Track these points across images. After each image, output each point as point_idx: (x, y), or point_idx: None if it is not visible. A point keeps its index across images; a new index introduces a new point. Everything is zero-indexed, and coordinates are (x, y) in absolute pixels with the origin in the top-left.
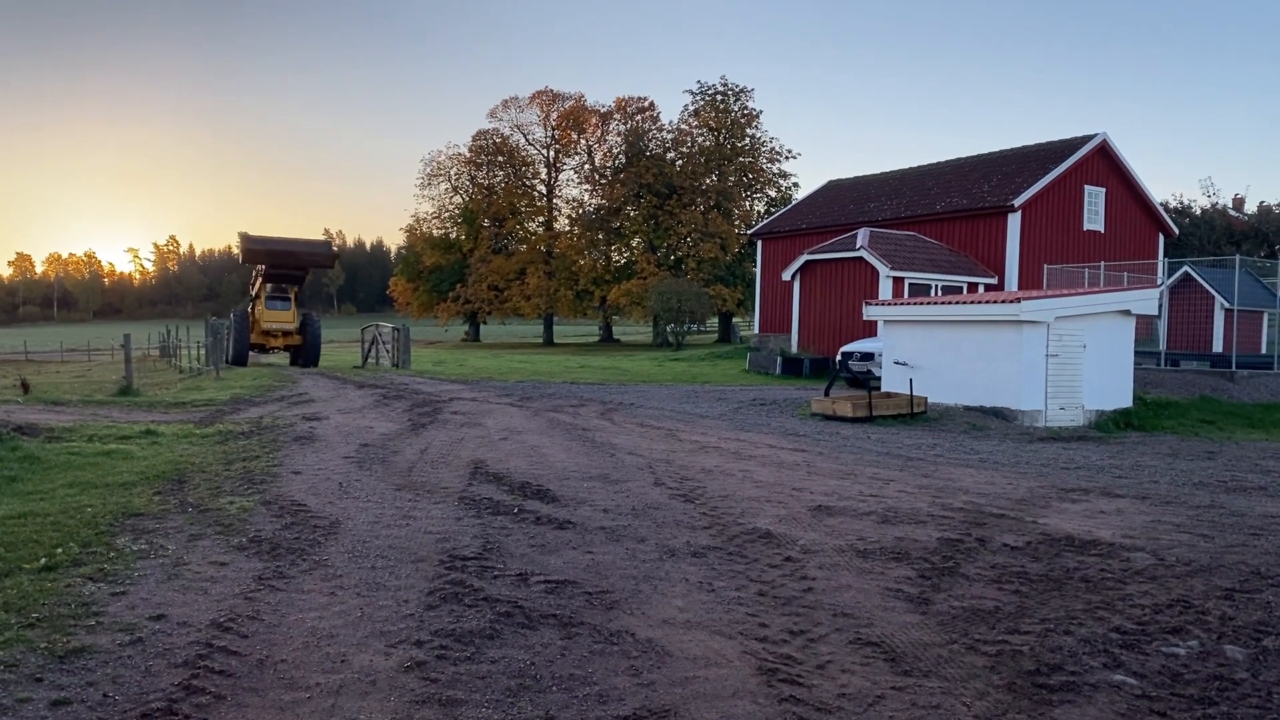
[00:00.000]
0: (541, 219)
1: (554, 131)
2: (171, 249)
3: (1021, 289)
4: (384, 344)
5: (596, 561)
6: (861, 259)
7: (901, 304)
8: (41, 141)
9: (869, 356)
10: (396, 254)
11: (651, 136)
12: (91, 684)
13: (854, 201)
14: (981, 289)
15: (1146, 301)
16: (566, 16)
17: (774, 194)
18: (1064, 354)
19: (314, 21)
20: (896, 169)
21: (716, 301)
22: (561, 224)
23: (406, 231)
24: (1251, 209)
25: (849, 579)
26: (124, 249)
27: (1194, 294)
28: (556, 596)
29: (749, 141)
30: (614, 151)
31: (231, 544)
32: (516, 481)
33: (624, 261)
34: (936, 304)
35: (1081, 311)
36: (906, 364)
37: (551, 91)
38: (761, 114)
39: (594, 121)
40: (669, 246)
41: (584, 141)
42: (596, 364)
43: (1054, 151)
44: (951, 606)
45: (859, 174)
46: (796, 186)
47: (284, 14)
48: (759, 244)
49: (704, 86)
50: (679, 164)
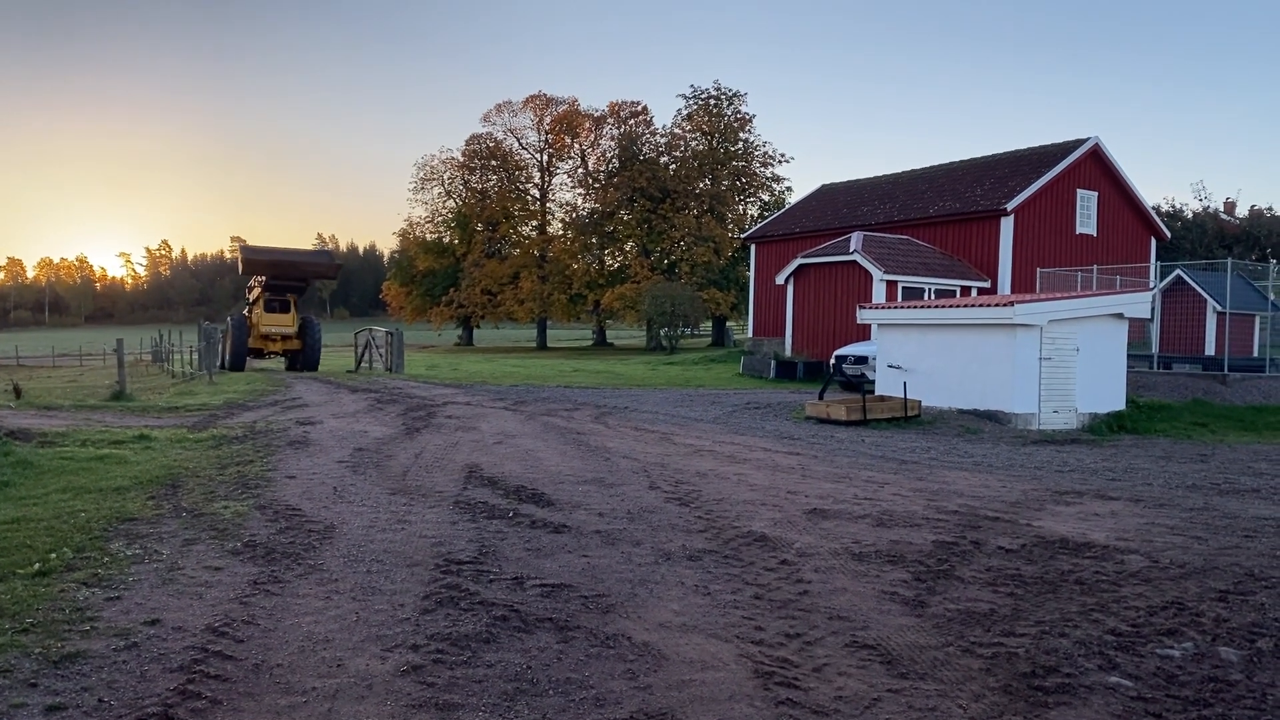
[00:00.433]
0: (535, 223)
1: (547, 135)
2: (164, 253)
3: (1014, 292)
4: (377, 348)
5: (592, 565)
6: (855, 263)
7: (895, 307)
8: (32, 145)
9: (863, 360)
10: (390, 258)
11: (645, 140)
12: (86, 689)
13: (847, 205)
14: (974, 292)
15: (1139, 305)
16: (560, 21)
17: (767, 198)
18: (1057, 357)
19: (307, 25)
20: (889, 173)
21: (710, 305)
22: (555, 228)
23: (400, 235)
24: (1243, 212)
25: (844, 582)
26: (116, 253)
27: (1186, 297)
28: (552, 600)
29: (742, 145)
30: (607, 155)
31: (226, 548)
32: (511, 485)
33: (617, 265)
34: (930, 307)
35: (1074, 315)
36: (900, 367)
37: (545, 95)
38: (755, 118)
39: (587, 125)
40: (663, 250)
41: (577, 145)
42: (590, 368)
43: (1046, 155)
44: (947, 609)
45: (852, 178)
46: (790, 191)
47: (277, 17)
48: (752, 248)
49: (697, 90)
50: (672, 168)
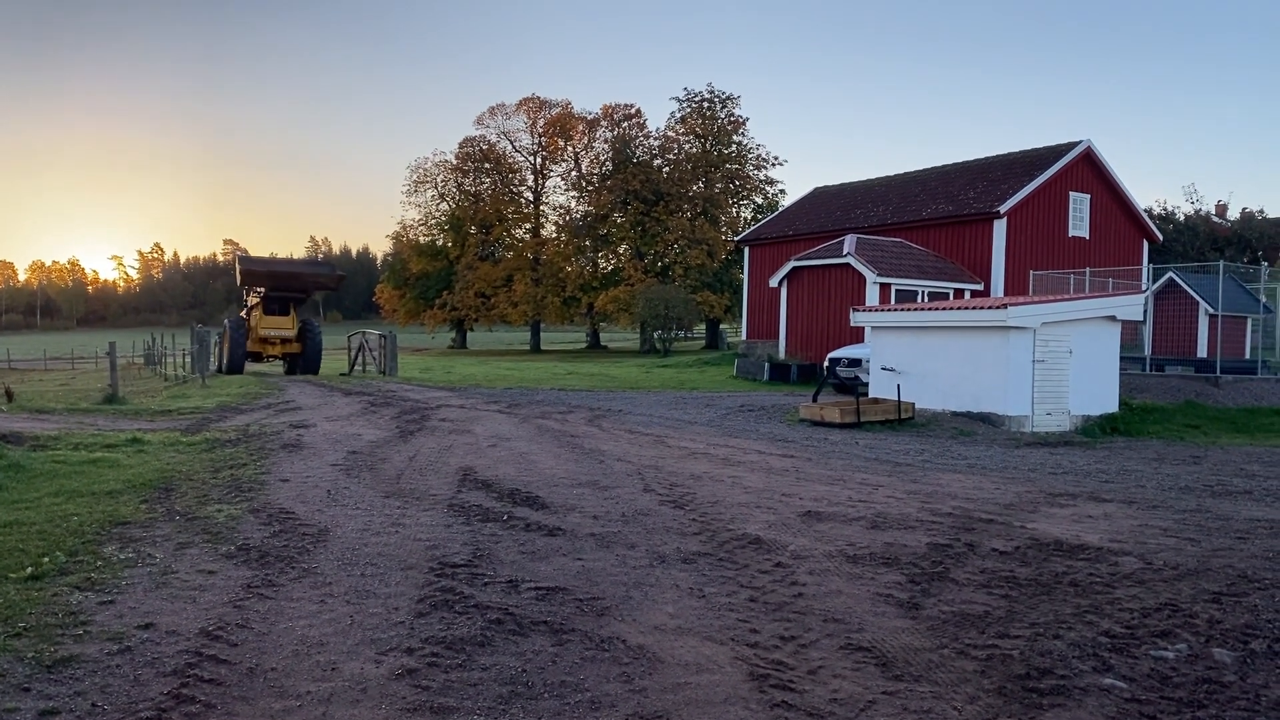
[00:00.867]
0: (528, 226)
1: (541, 138)
2: (156, 256)
3: (1007, 295)
4: (371, 351)
5: (587, 568)
6: (848, 265)
7: (888, 310)
8: (24, 148)
9: (857, 362)
10: (383, 261)
11: (638, 143)
12: (80, 694)
13: (840, 208)
14: (968, 295)
15: (1132, 307)
16: (553, 24)
17: (761, 200)
18: (1050, 360)
19: (300, 28)
20: (883, 176)
21: (704, 308)
22: (548, 231)
23: (393, 238)
24: (1234, 215)
25: (839, 584)
26: (108, 256)
27: (1178, 300)
28: (547, 603)
29: (736, 148)
30: (601, 158)
31: (220, 552)
32: (506, 488)
33: (611, 268)
34: (923, 310)
35: (1067, 317)
36: (894, 370)
37: (538, 98)
38: (748, 121)
39: (581, 128)
40: (656, 253)
41: (571, 148)
42: (584, 371)
43: (1039, 158)
44: (941, 611)
45: (845, 180)
46: (783, 193)
47: (270, 20)
48: (746, 250)
49: (691, 93)
50: (666, 170)
